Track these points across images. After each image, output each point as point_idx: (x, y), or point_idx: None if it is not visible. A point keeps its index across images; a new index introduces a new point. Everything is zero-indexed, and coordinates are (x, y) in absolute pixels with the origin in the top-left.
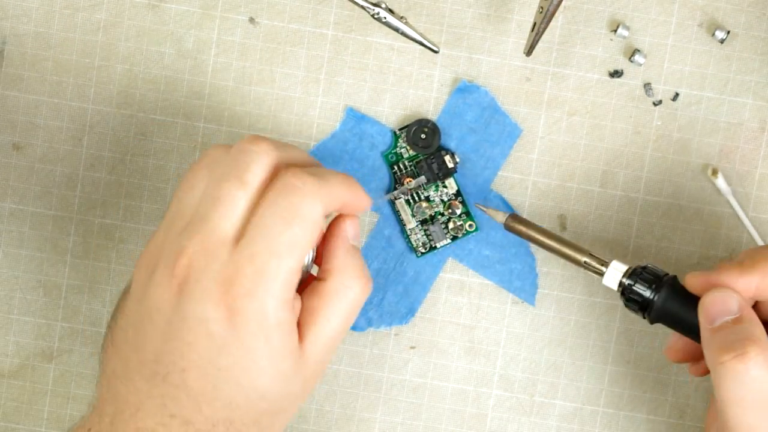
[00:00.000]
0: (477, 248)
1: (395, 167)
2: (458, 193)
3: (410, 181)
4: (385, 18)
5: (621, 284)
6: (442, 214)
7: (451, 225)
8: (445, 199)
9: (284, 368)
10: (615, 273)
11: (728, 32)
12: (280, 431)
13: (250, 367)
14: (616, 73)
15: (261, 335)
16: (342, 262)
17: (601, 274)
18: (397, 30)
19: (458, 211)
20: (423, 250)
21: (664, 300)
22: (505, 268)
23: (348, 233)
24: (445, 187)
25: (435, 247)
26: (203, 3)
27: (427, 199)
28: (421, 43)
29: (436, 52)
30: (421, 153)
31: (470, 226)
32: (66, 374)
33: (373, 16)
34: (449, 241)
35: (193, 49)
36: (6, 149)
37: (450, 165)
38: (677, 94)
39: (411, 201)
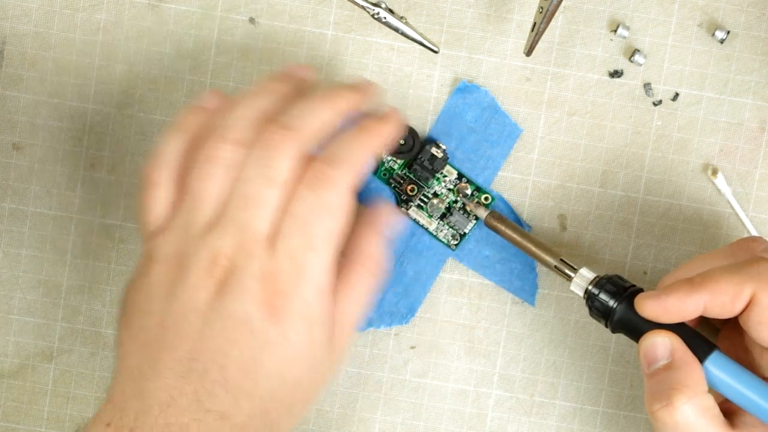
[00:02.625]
0: (477, 248)
1: (392, 182)
2: (461, 176)
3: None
4: (385, 18)
5: (587, 292)
6: (456, 201)
7: (468, 208)
8: (451, 186)
9: (319, 356)
10: (582, 280)
11: (728, 32)
12: (303, 416)
13: (291, 359)
14: (616, 73)
15: (304, 328)
16: (374, 250)
17: (570, 279)
18: (397, 30)
19: (469, 192)
20: (456, 242)
21: (624, 311)
22: (505, 268)
23: (385, 225)
24: (446, 176)
25: (465, 234)
26: (203, 3)
27: (435, 194)
28: (421, 43)
29: (436, 52)
30: (408, 158)
31: (486, 199)
32: (66, 374)
33: (373, 16)
34: (474, 221)
35: (193, 49)
36: (6, 149)
37: (439, 155)
38: (677, 94)
39: (422, 204)
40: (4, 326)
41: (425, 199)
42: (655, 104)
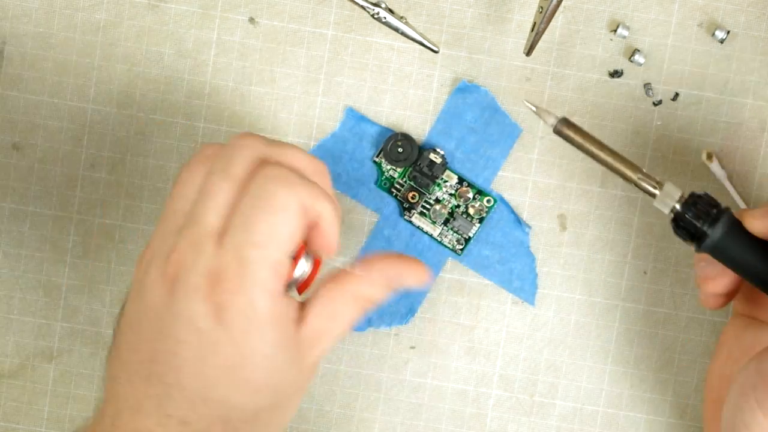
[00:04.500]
0: (477, 248)
1: (393, 190)
2: (461, 180)
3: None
4: (385, 18)
5: (673, 209)
6: (458, 206)
7: (471, 211)
8: (453, 191)
9: (280, 362)
10: (667, 197)
11: (728, 32)
12: (283, 427)
13: (243, 363)
14: (616, 73)
15: (252, 330)
16: (353, 271)
17: (653, 195)
18: (397, 30)
19: (470, 195)
20: (461, 247)
21: (721, 236)
22: (505, 268)
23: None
24: (446, 181)
25: (470, 238)
26: (203, 3)
27: (437, 200)
28: (421, 43)
29: (436, 52)
30: (406, 165)
31: (488, 201)
32: (66, 374)
33: (373, 16)
34: (478, 225)
35: (193, 49)
36: (6, 149)
37: (438, 161)
38: (677, 94)
39: (425, 211)
40: (4, 326)
41: (428, 206)
42: (655, 104)
